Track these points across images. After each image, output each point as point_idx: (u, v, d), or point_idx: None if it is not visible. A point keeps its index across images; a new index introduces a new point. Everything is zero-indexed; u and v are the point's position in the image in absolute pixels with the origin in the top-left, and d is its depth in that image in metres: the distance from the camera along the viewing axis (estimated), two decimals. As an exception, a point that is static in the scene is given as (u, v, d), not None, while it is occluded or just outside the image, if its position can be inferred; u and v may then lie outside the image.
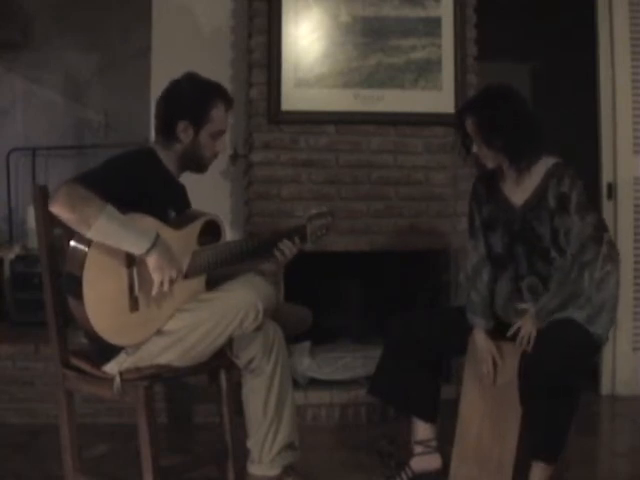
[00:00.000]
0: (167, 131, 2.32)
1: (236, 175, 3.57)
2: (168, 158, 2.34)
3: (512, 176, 2.43)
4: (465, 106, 2.49)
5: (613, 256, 2.36)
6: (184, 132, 2.30)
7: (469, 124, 2.39)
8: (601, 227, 2.36)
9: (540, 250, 2.38)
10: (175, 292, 2.16)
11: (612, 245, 2.37)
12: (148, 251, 2.06)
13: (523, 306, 2.39)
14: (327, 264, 3.44)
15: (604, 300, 2.33)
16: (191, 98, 2.30)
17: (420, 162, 3.43)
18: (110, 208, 2.03)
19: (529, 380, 2.22)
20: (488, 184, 2.51)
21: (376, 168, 3.41)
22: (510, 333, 2.37)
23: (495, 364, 2.42)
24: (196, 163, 2.37)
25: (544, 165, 2.39)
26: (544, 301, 2.34)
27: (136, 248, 2.05)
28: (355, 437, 3.14)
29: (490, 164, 2.42)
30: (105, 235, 2.02)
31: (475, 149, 2.41)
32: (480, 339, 2.45)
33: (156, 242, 2.07)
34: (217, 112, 2.32)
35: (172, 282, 2.11)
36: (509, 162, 2.39)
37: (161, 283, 2.09)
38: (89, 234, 2.01)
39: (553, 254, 2.36)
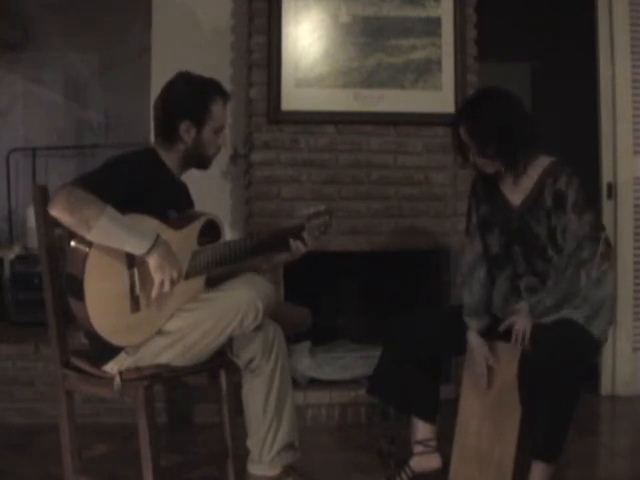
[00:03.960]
0: (169, 133, 2.31)
1: (236, 175, 3.57)
2: (170, 158, 2.34)
3: (510, 178, 2.43)
4: (458, 115, 2.47)
5: (609, 255, 2.36)
6: (187, 132, 2.30)
7: (463, 132, 2.39)
8: (598, 226, 2.36)
9: (538, 249, 2.38)
10: (175, 292, 2.16)
11: (608, 244, 2.37)
12: (149, 251, 2.06)
13: (517, 306, 2.38)
14: (327, 264, 3.44)
15: (602, 300, 2.33)
16: (190, 98, 2.30)
17: (420, 162, 3.43)
18: (110, 209, 2.03)
19: (529, 380, 2.22)
20: (487, 183, 2.50)
21: (376, 168, 3.41)
22: (502, 328, 2.36)
23: (489, 367, 2.42)
24: (200, 160, 2.38)
25: (541, 164, 2.39)
26: (539, 298, 2.34)
27: (137, 249, 2.05)
28: (355, 437, 3.14)
29: (488, 170, 2.41)
30: (106, 237, 2.02)
31: (472, 157, 2.40)
32: (473, 342, 2.45)
33: (156, 242, 2.07)
34: (217, 108, 2.32)
35: (173, 282, 2.11)
36: (505, 168, 2.39)
37: (162, 283, 2.09)
38: (89, 236, 2.01)
39: (550, 253, 2.36)
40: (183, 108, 2.29)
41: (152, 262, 2.07)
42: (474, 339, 2.44)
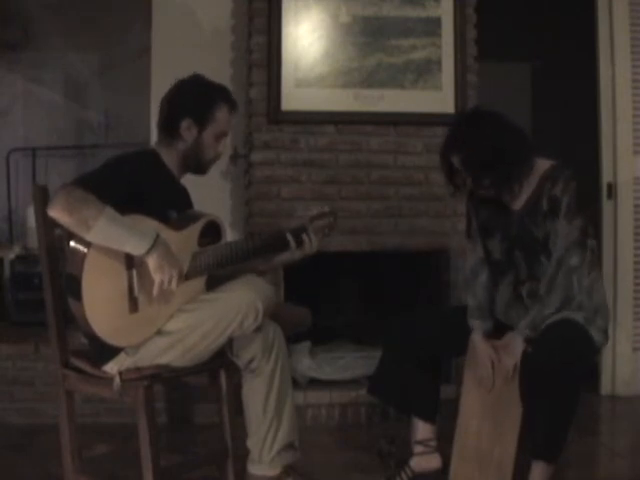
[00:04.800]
0: (170, 129, 2.32)
1: (236, 175, 3.57)
2: (170, 158, 2.34)
3: (508, 196, 2.41)
4: (448, 145, 2.39)
5: (595, 263, 2.36)
6: (188, 130, 2.31)
7: (457, 162, 2.35)
8: (587, 232, 2.34)
9: (537, 253, 2.37)
10: (175, 293, 2.16)
11: (594, 253, 2.36)
12: (148, 251, 2.05)
13: (509, 336, 2.36)
14: (327, 264, 3.44)
15: (597, 307, 2.33)
16: (196, 97, 2.31)
17: (420, 162, 3.43)
18: (109, 210, 2.02)
19: (529, 379, 2.22)
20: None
21: (376, 168, 3.41)
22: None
23: (494, 368, 2.41)
24: (198, 164, 2.38)
25: (540, 169, 2.37)
26: (535, 313, 2.31)
27: (136, 249, 2.05)
28: (355, 437, 3.14)
29: (484, 195, 2.40)
30: (105, 237, 2.02)
31: (468, 184, 2.38)
32: (478, 343, 2.43)
33: (156, 242, 2.06)
34: (221, 113, 2.33)
35: (172, 282, 2.11)
36: (501, 193, 2.38)
37: (162, 283, 2.09)
38: (88, 236, 2.01)
39: (542, 258, 2.35)
40: (188, 106, 2.30)
41: (151, 262, 2.07)
42: (479, 342, 2.42)
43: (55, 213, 2.03)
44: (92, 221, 1.99)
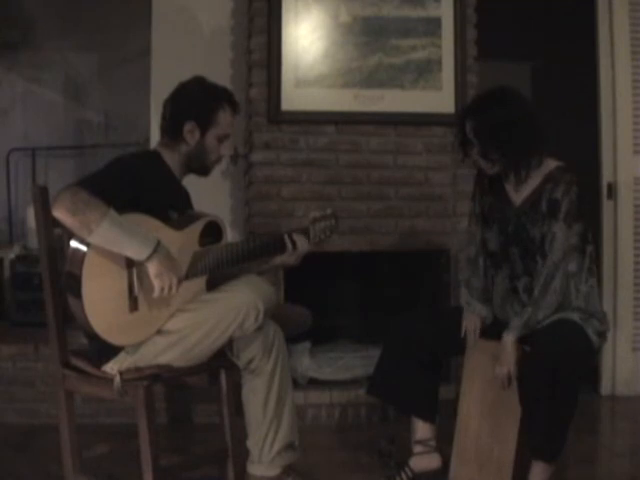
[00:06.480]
0: (173, 132, 2.33)
1: (236, 175, 3.57)
2: (173, 160, 2.35)
3: (513, 180, 2.41)
4: (467, 109, 2.42)
5: (594, 270, 2.36)
6: (190, 133, 2.31)
7: (469, 130, 2.36)
8: (586, 238, 2.34)
9: (533, 253, 2.38)
10: (176, 295, 2.16)
11: (592, 259, 2.36)
12: (149, 258, 2.06)
13: (504, 336, 2.34)
14: (327, 264, 3.44)
15: (593, 312, 2.33)
16: (199, 100, 2.32)
17: (420, 162, 3.43)
18: (112, 213, 2.03)
19: (529, 380, 2.22)
20: (493, 176, 2.49)
21: (376, 168, 3.41)
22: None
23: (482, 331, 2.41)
24: (200, 165, 2.38)
25: (545, 168, 2.37)
26: (529, 314, 2.30)
27: (137, 254, 2.06)
28: (355, 437, 3.14)
29: (489, 171, 2.41)
30: (106, 241, 2.02)
31: (474, 155, 2.39)
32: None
33: (157, 248, 2.07)
34: (224, 115, 2.34)
35: (172, 288, 2.11)
36: (507, 173, 2.38)
37: (162, 290, 2.09)
38: (90, 239, 2.01)
39: (538, 258, 2.35)
40: (190, 108, 2.31)
41: (152, 269, 2.07)
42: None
43: (59, 214, 2.03)
44: (94, 224, 2.00)
